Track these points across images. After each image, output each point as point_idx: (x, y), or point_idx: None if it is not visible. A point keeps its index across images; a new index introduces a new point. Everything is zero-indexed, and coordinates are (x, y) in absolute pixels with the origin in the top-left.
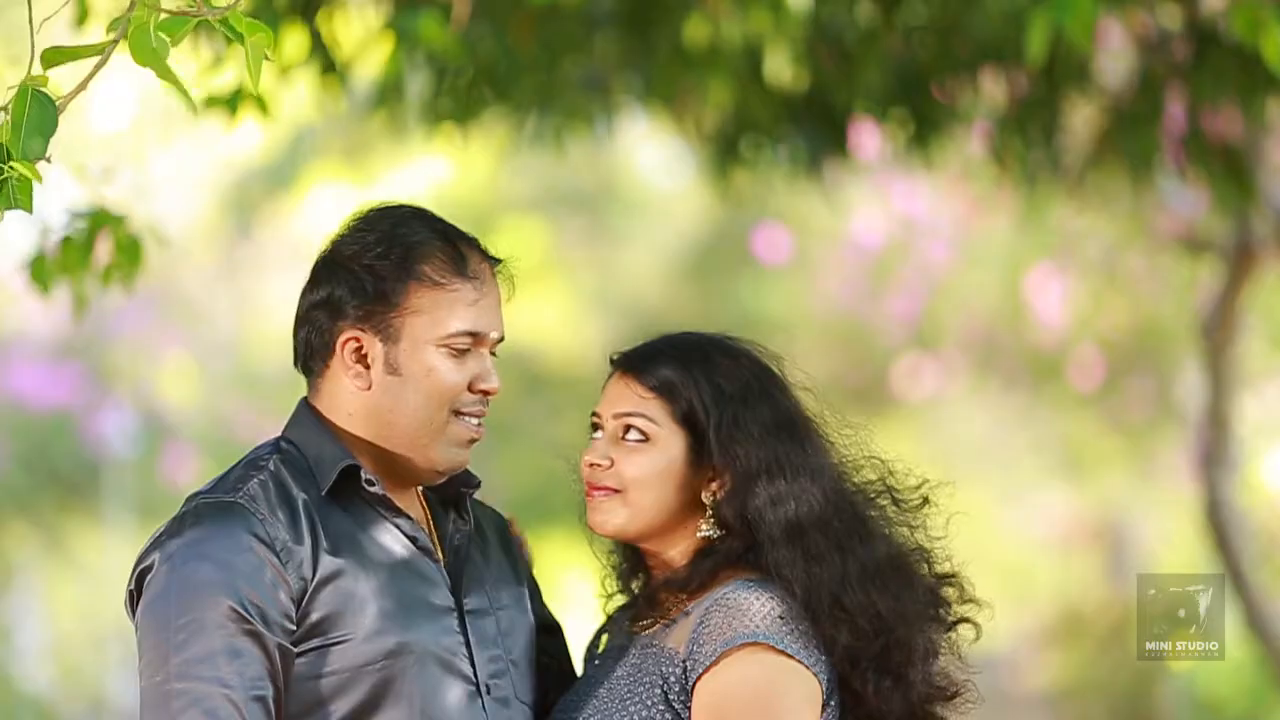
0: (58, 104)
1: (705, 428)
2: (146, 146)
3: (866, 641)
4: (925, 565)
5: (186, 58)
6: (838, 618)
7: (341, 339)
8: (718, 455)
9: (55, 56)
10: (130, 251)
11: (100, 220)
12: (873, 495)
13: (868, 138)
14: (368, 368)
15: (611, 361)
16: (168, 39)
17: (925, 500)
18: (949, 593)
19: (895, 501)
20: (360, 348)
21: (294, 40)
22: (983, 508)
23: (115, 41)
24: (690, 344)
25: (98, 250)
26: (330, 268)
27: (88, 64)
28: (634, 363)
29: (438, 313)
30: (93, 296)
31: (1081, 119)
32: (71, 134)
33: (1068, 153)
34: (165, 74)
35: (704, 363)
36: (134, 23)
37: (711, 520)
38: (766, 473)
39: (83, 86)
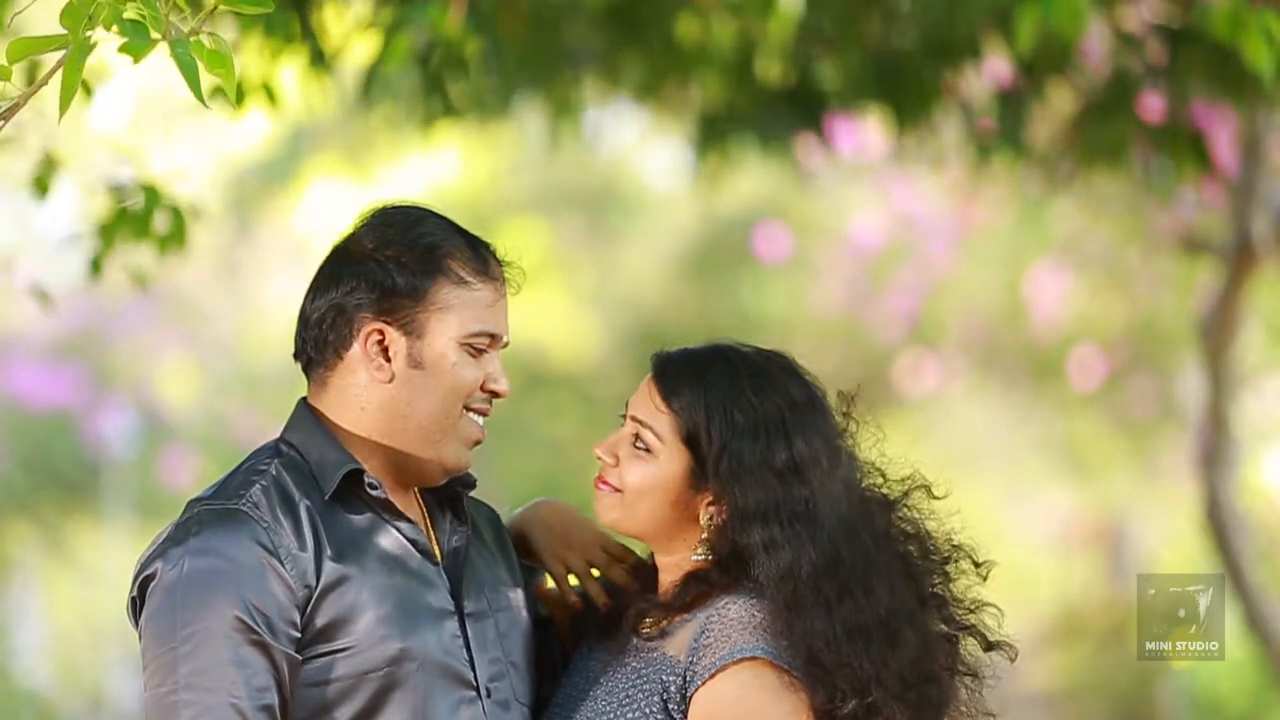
0: (16, 100)
1: (706, 455)
2: (145, 146)
3: (840, 702)
4: (939, 617)
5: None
6: (813, 675)
7: (365, 331)
8: (715, 485)
9: (21, 49)
10: (180, 221)
11: (153, 195)
12: (903, 539)
13: (846, 127)
14: (389, 360)
15: (651, 359)
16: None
17: (957, 547)
18: (967, 642)
19: (925, 553)
20: (383, 340)
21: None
22: (983, 507)
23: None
24: (724, 364)
25: (154, 222)
26: (348, 263)
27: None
28: (663, 371)
29: (463, 311)
30: (148, 269)
31: (1058, 108)
32: (77, 127)
33: (1044, 141)
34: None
35: (727, 389)
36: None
37: (706, 543)
38: (763, 516)
39: (43, 83)
